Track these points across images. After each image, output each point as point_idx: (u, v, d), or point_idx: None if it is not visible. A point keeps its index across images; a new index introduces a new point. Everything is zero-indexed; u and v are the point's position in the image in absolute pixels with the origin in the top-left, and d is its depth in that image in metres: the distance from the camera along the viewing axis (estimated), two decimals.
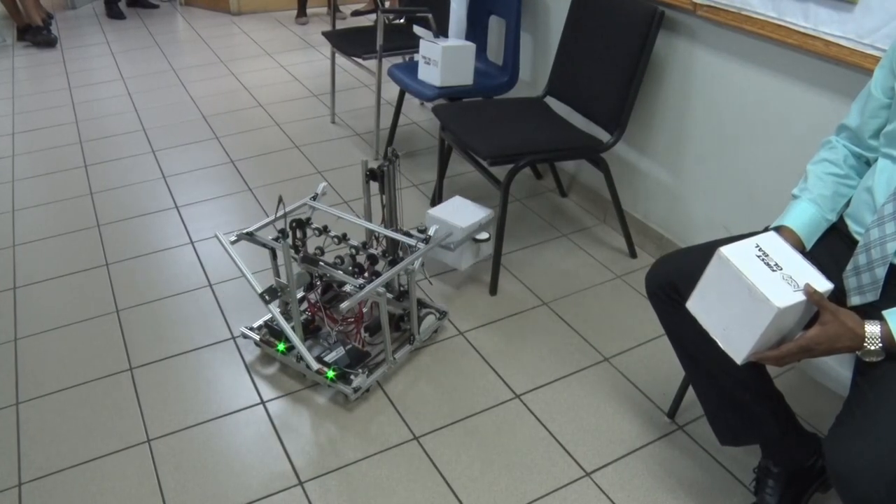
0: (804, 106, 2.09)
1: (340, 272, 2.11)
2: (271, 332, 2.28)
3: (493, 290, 2.59)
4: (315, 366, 2.06)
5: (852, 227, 1.51)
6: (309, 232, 2.25)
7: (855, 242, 1.48)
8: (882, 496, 1.16)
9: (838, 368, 1.52)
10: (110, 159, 3.59)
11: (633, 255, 2.80)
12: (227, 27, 5.95)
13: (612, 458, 1.95)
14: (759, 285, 1.27)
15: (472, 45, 3.05)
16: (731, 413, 1.69)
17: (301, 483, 1.87)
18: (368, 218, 2.39)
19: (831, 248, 1.53)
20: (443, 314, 2.41)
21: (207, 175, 3.44)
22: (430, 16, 3.24)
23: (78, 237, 2.94)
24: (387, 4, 5.88)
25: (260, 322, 2.36)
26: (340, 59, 3.80)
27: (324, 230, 2.25)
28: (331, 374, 2.07)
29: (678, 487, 1.87)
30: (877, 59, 1.77)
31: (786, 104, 2.14)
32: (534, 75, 3.31)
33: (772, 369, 1.55)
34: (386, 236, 2.24)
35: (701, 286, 1.40)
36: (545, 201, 3.22)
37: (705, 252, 1.41)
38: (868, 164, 1.57)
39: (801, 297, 1.27)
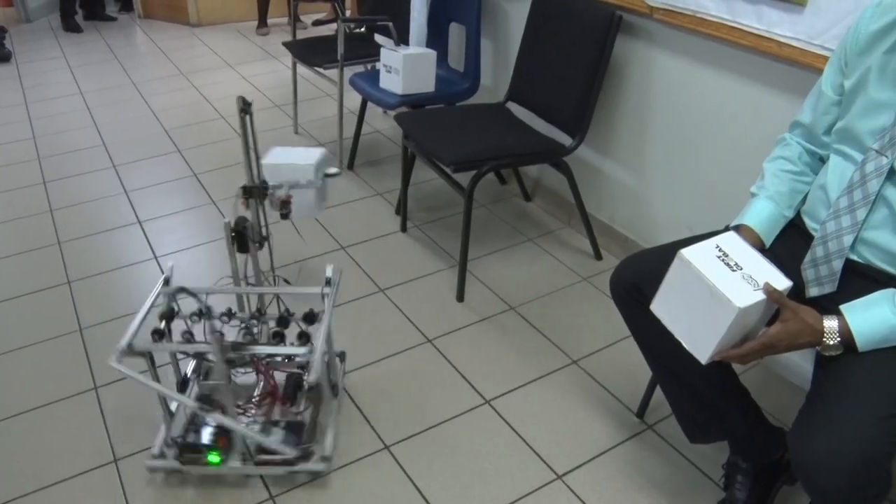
0: (760, 106, 2.12)
1: (282, 346, 1.77)
2: (184, 448, 1.85)
3: (460, 296, 2.60)
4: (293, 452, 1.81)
5: (808, 223, 1.54)
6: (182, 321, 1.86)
7: (812, 238, 1.51)
8: (844, 485, 1.19)
9: (801, 363, 1.54)
10: (70, 175, 3.54)
11: (598, 257, 2.83)
12: (186, 39, 5.90)
13: (583, 460, 1.96)
14: (720, 286, 1.29)
15: (433, 53, 3.06)
16: (699, 411, 1.71)
17: (272, 497, 1.85)
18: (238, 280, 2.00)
19: (790, 243, 1.56)
20: (342, 355, 2.21)
21: (170, 189, 3.41)
22: (390, 24, 3.24)
23: (38, 255, 2.89)
24: (347, 13, 5.88)
25: (159, 444, 1.91)
26: (302, 69, 3.79)
27: (203, 313, 1.87)
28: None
29: (649, 486, 1.88)
30: (827, 59, 1.80)
31: (742, 104, 2.18)
32: (495, 81, 3.33)
33: (737, 366, 1.57)
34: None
35: (663, 288, 1.42)
36: (510, 206, 3.23)
37: (667, 253, 1.43)
38: (822, 160, 1.60)
39: (760, 296, 1.29)
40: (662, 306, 1.44)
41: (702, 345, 1.37)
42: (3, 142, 3.94)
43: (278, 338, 1.81)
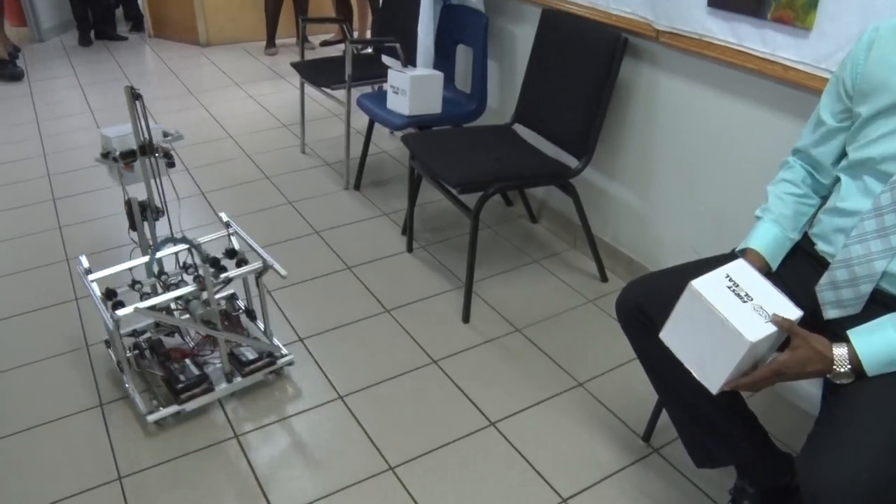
0: (766, 129, 2.13)
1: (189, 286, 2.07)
2: (180, 389, 2.13)
3: (466, 317, 2.59)
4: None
5: (820, 246, 1.54)
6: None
7: (821, 259, 1.51)
8: None
9: (809, 388, 1.54)
10: (79, 192, 3.56)
11: (604, 279, 2.82)
12: (195, 58, 5.95)
13: (588, 484, 1.95)
14: (732, 319, 1.29)
15: (440, 74, 3.08)
16: (706, 435, 1.70)
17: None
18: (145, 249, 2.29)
19: (797, 267, 1.56)
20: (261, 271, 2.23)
21: (177, 207, 3.42)
22: (398, 46, 3.26)
23: (46, 272, 2.90)
24: (355, 34, 5.93)
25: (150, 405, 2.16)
26: (310, 90, 3.81)
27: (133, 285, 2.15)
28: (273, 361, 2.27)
29: None
30: None
31: (748, 127, 2.19)
32: (501, 103, 3.34)
33: (744, 391, 1.56)
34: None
35: (673, 318, 1.42)
36: (516, 227, 3.23)
37: (673, 276, 1.43)
38: (825, 183, 1.60)
39: (772, 328, 1.30)
40: (672, 335, 1.44)
41: (712, 375, 1.37)
42: (14, 159, 3.97)
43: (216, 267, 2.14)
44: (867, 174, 1.43)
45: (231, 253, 2.24)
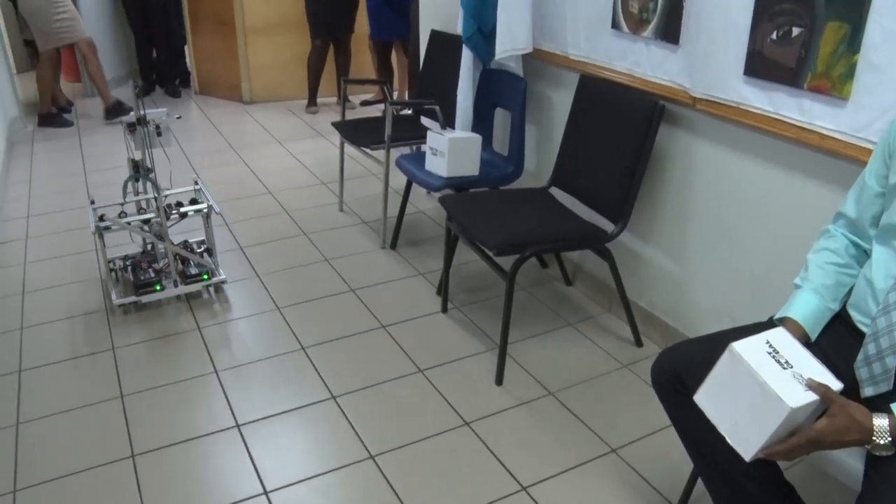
0: (803, 196, 2.13)
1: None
2: (138, 286, 3.05)
3: (499, 379, 2.58)
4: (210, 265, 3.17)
5: (856, 317, 1.52)
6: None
7: (860, 332, 1.48)
8: None
9: (849, 461, 1.50)
10: (121, 243, 3.63)
11: (638, 343, 2.80)
12: (239, 115, 6.11)
13: None
14: (772, 383, 1.27)
15: (478, 137, 3.13)
16: None
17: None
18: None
19: (837, 339, 1.54)
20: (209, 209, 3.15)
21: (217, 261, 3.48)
22: (437, 108, 3.32)
23: (86, 320, 2.96)
24: (395, 95, 6.04)
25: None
26: (349, 148, 3.89)
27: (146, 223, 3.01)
28: (206, 276, 3.14)
29: None
30: (871, 152, 1.81)
31: (785, 194, 2.18)
32: (538, 166, 3.38)
33: (781, 461, 1.53)
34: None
35: (710, 380, 1.40)
36: (550, 290, 3.23)
37: (711, 344, 1.42)
38: (867, 253, 1.59)
39: (813, 396, 1.27)
40: (708, 398, 1.42)
41: (748, 441, 1.34)
42: (61, 209, 4.09)
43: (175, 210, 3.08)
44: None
45: (194, 202, 3.14)
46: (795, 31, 2.00)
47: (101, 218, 2.95)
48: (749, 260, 2.36)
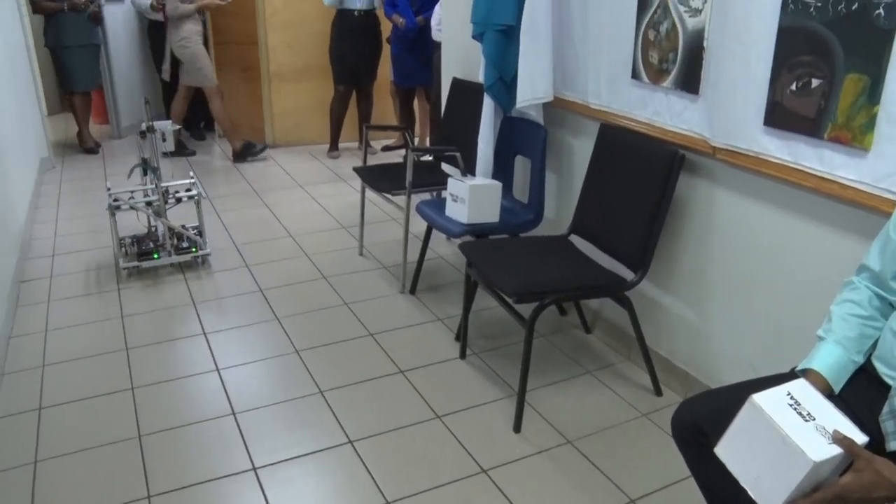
0: (824, 246, 2.12)
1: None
2: (139, 254, 3.83)
3: (517, 427, 2.56)
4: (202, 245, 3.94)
5: (881, 369, 1.50)
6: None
7: (885, 385, 1.47)
8: None
9: None
10: (144, 285, 3.68)
11: (658, 392, 2.77)
12: (261, 159, 6.18)
13: None
14: (794, 436, 1.25)
15: (498, 184, 3.15)
16: None
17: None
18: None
19: (862, 392, 1.52)
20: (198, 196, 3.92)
21: (236, 303, 3.50)
22: (458, 155, 3.36)
23: (106, 359, 2.98)
24: (416, 141, 6.11)
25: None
26: (370, 194, 3.92)
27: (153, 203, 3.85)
28: (194, 248, 3.92)
29: None
30: (893, 203, 1.81)
31: (806, 244, 2.18)
32: (558, 214, 3.39)
33: None
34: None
35: (731, 432, 1.38)
36: (569, 337, 3.22)
37: (732, 395, 1.41)
38: (892, 305, 1.57)
39: (837, 450, 1.25)
40: (729, 451, 1.40)
41: (770, 496, 1.31)
42: (85, 248, 4.15)
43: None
44: None
45: (188, 190, 3.91)
46: (815, 82, 2.02)
47: (115, 200, 3.72)
48: (770, 309, 2.34)
